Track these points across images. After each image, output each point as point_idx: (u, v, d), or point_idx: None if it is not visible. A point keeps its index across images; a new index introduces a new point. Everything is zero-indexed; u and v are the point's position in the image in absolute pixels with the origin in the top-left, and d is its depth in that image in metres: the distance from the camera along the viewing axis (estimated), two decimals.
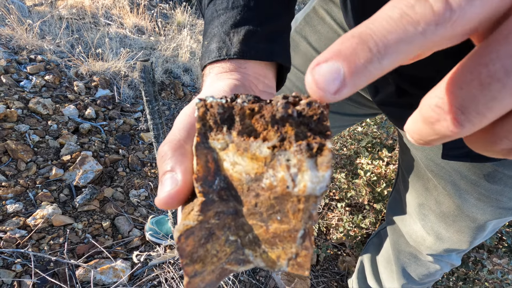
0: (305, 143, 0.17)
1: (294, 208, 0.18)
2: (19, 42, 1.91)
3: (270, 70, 0.34)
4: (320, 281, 1.29)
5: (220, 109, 0.18)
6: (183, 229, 0.19)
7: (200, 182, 0.19)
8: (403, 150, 0.71)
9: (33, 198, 1.24)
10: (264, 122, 0.18)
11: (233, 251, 0.21)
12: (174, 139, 0.23)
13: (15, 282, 0.99)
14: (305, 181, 0.17)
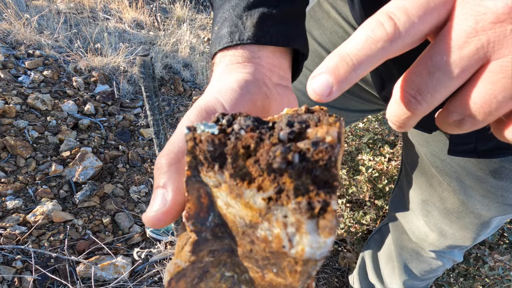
0: (305, 201, 0.14)
1: (290, 268, 0.16)
2: (17, 37, 1.89)
3: (285, 59, 0.31)
4: (321, 277, 1.29)
5: (210, 147, 0.16)
6: (174, 272, 0.18)
7: (192, 221, 0.18)
8: (408, 146, 0.71)
9: (32, 195, 1.23)
10: (259, 168, 0.15)
11: (230, 286, 0.20)
12: (172, 151, 0.21)
13: (16, 279, 0.99)
14: (304, 244, 0.14)
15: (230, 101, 0.25)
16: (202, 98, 0.25)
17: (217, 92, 0.26)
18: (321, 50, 0.62)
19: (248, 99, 0.26)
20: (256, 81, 0.27)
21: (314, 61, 0.63)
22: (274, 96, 0.28)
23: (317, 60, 0.63)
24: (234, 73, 0.28)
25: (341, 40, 0.60)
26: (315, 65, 0.64)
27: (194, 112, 0.24)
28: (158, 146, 0.98)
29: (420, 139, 0.63)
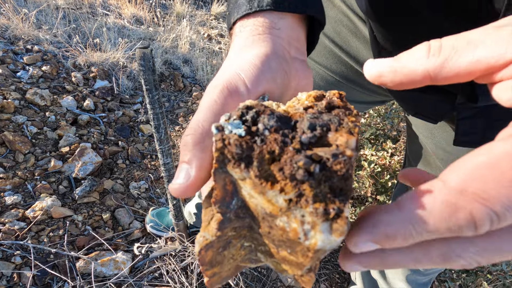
0: (322, 208, 0.16)
1: (303, 252, 0.19)
2: (15, 32, 1.87)
3: (301, 31, 0.31)
4: (322, 273, 1.28)
5: (238, 150, 0.18)
6: (203, 244, 0.21)
7: (218, 205, 0.20)
8: (412, 138, 0.69)
9: (31, 190, 1.22)
10: (283, 175, 0.17)
11: (247, 253, 0.24)
12: (197, 131, 0.22)
13: (15, 274, 0.98)
14: (317, 239, 0.17)
15: (251, 78, 0.25)
16: (224, 74, 0.25)
17: (239, 68, 0.26)
18: (325, 39, 0.61)
19: (270, 76, 0.26)
20: (277, 57, 0.27)
21: (318, 50, 0.62)
22: (292, 72, 0.28)
23: (321, 49, 0.62)
24: (256, 47, 0.27)
25: (345, 28, 0.58)
26: (318, 53, 0.62)
27: (217, 91, 0.24)
28: (158, 140, 0.97)
29: (425, 130, 0.62)
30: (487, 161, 0.14)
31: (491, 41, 0.16)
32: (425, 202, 0.15)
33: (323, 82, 0.64)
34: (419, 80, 0.19)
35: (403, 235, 0.16)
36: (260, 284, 1.19)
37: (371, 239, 0.17)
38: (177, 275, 1.10)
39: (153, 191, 1.42)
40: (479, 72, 0.17)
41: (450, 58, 0.18)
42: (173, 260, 1.14)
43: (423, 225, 0.15)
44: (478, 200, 0.14)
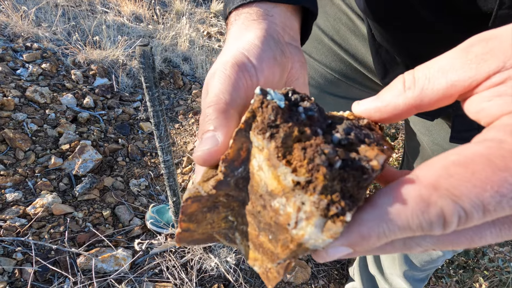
0: (326, 201, 0.15)
1: (284, 242, 0.18)
2: (15, 30, 1.87)
3: (295, 20, 0.32)
4: (321, 270, 1.30)
5: (272, 116, 0.17)
6: (194, 194, 0.20)
7: (225, 164, 0.20)
8: (410, 135, 0.70)
9: (32, 187, 1.22)
10: (302, 155, 0.17)
11: (226, 228, 0.23)
12: (219, 102, 0.23)
13: (16, 270, 0.99)
14: (305, 232, 0.16)
15: (255, 56, 0.26)
16: (229, 54, 0.26)
17: (241, 47, 0.26)
18: (324, 36, 0.61)
19: (271, 54, 0.27)
20: (273, 38, 0.28)
21: (317, 48, 0.62)
22: (287, 54, 0.29)
23: (320, 46, 0.62)
24: (252, 29, 0.28)
25: (344, 26, 0.59)
26: (317, 51, 0.63)
27: (228, 67, 0.25)
28: (158, 137, 0.97)
29: (422, 127, 0.62)
30: (461, 161, 0.14)
31: (460, 65, 0.17)
32: (398, 198, 0.15)
33: (322, 80, 0.65)
34: (405, 113, 0.19)
35: (377, 234, 0.15)
36: (260, 281, 1.20)
37: (344, 243, 0.16)
38: (177, 271, 1.11)
39: (153, 188, 1.43)
40: (457, 94, 0.18)
41: (425, 88, 0.18)
42: (173, 257, 1.14)
43: (396, 221, 0.15)
44: (450, 196, 0.14)
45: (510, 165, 0.13)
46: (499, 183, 0.13)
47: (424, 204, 0.14)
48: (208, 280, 1.15)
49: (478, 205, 0.14)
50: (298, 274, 1.23)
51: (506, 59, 0.16)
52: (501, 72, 0.16)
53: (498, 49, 0.16)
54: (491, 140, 0.15)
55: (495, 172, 0.14)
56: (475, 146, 0.15)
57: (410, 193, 0.15)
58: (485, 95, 0.17)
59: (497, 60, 0.16)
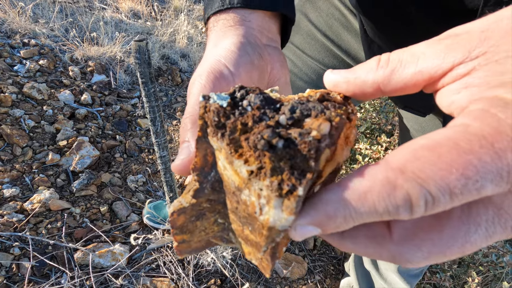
0: (276, 182, 0.16)
1: (259, 230, 0.19)
2: (12, 26, 1.86)
3: (273, 23, 0.33)
4: (317, 265, 1.30)
5: (216, 117, 0.18)
6: (177, 207, 0.22)
7: (196, 172, 0.21)
8: (403, 131, 0.71)
9: (29, 183, 1.23)
10: (247, 145, 0.17)
11: (220, 230, 0.24)
12: (193, 113, 0.24)
13: (14, 265, 1.00)
14: (270, 215, 0.17)
15: (232, 62, 0.27)
16: (206, 62, 0.27)
17: (218, 55, 0.28)
18: (317, 32, 0.61)
19: (248, 59, 0.28)
20: (250, 43, 0.29)
21: (310, 44, 0.63)
22: (265, 56, 0.30)
23: (313, 42, 0.62)
24: (229, 36, 0.29)
25: (337, 22, 0.59)
26: (311, 47, 0.63)
27: (204, 77, 0.26)
28: (154, 133, 0.98)
29: (415, 123, 0.63)
30: (429, 144, 0.14)
31: (431, 53, 0.17)
32: (365, 179, 0.15)
33: (315, 76, 0.65)
34: (370, 92, 0.20)
35: (343, 214, 0.15)
36: (256, 276, 1.21)
37: (311, 222, 0.16)
38: (173, 267, 1.12)
39: (151, 184, 1.44)
40: (423, 82, 0.18)
41: (396, 70, 0.18)
42: (169, 252, 1.15)
43: (362, 203, 0.15)
44: (416, 179, 0.14)
45: (475, 148, 0.13)
46: (464, 166, 0.13)
47: (390, 186, 0.14)
48: (205, 275, 1.16)
49: (444, 188, 0.14)
50: (295, 269, 1.24)
51: (471, 49, 0.16)
52: (466, 62, 0.16)
53: (466, 41, 0.17)
54: (459, 125, 0.15)
55: (461, 155, 0.13)
56: (444, 130, 0.15)
57: (377, 176, 0.15)
58: (453, 87, 0.17)
59: (463, 50, 0.17)
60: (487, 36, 0.16)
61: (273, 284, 1.19)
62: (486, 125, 0.14)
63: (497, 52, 0.16)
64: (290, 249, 1.33)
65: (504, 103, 0.14)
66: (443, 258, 0.16)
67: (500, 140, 0.13)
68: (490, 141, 0.13)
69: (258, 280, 1.19)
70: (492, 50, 0.16)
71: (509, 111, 0.14)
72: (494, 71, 0.15)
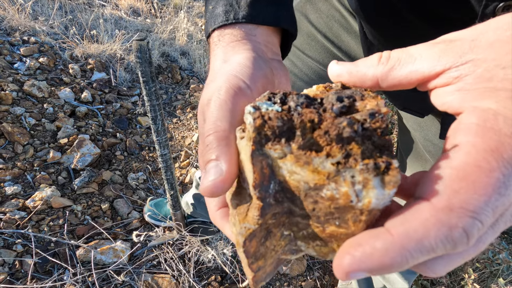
0: (372, 162, 0.17)
1: (355, 218, 0.19)
2: (11, 23, 1.86)
3: (276, 37, 0.33)
4: (316, 262, 1.32)
5: (279, 122, 0.18)
6: (247, 234, 0.20)
7: (258, 189, 0.20)
8: (403, 131, 0.72)
9: (31, 181, 1.24)
10: (328, 138, 0.17)
11: (287, 243, 0.23)
12: (219, 129, 0.23)
13: (17, 262, 1.01)
14: (370, 197, 0.17)
15: (249, 77, 0.26)
16: (221, 78, 0.26)
17: (234, 70, 0.27)
18: (317, 33, 0.62)
19: (262, 74, 0.28)
20: (260, 57, 0.29)
21: (310, 44, 0.63)
22: (273, 70, 0.30)
23: (313, 43, 0.63)
24: (240, 51, 0.29)
25: (337, 23, 0.60)
26: (311, 48, 0.64)
27: (222, 92, 0.25)
28: (155, 132, 0.98)
29: (414, 123, 0.64)
30: (457, 174, 0.16)
31: (426, 56, 0.19)
32: (418, 225, 0.15)
33: (315, 76, 0.66)
34: (369, 85, 0.21)
35: (399, 264, 0.15)
36: None
37: (365, 269, 0.16)
38: (174, 263, 1.13)
39: (151, 182, 1.45)
40: (417, 81, 0.20)
41: (394, 67, 0.20)
42: (170, 249, 1.17)
43: (420, 250, 0.15)
44: (467, 213, 0.15)
45: (494, 164, 0.15)
46: (494, 184, 0.15)
47: (446, 228, 0.15)
48: (206, 272, 1.17)
49: (489, 211, 0.15)
50: (294, 266, 1.26)
51: (462, 55, 0.18)
52: (457, 67, 0.18)
53: (458, 48, 0.19)
54: (465, 144, 0.16)
55: (488, 175, 0.15)
56: (458, 155, 0.16)
57: (429, 219, 0.15)
58: (447, 90, 0.19)
59: (455, 56, 0.18)
60: (476, 45, 0.18)
61: (273, 281, 1.21)
62: (488, 140, 0.15)
63: (485, 60, 0.17)
64: None
65: (493, 114, 0.16)
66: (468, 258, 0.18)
67: (505, 150, 0.15)
68: (500, 153, 0.15)
69: None
70: (480, 58, 0.18)
71: (500, 121, 0.16)
72: (482, 78, 0.17)
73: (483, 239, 0.17)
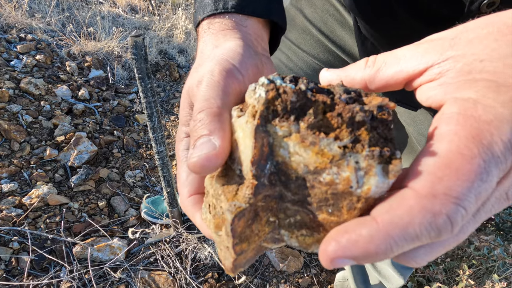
0: (378, 150, 0.17)
1: (350, 205, 0.19)
2: (8, 20, 1.85)
3: (265, 32, 0.33)
4: (313, 259, 1.32)
5: (295, 98, 0.18)
6: (236, 212, 0.20)
7: (255, 166, 0.19)
8: (398, 126, 0.72)
9: (28, 178, 1.24)
10: (340, 121, 0.18)
11: (270, 230, 0.23)
12: (211, 105, 0.22)
13: (13, 259, 1.01)
14: (371, 184, 0.17)
15: (240, 63, 0.26)
16: (212, 61, 0.26)
17: (226, 55, 0.26)
18: (312, 28, 0.62)
19: (253, 63, 0.28)
20: (251, 48, 0.29)
21: (305, 39, 0.63)
22: (262, 63, 0.30)
23: (308, 38, 0.63)
24: (231, 38, 0.29)
25: (332, 18, 0.59)
26: (306, 42, 0.64)
27: (216, 73, 0.24)
28: (151, 128, 0.98)
29: (408, 118, 0.64)
30: (442, 162, 0.16)
31: (410, 56, 0.20)
32: (402, 212, 0.15)
33: (310, 71, 0.66)
34: (359, 87, 0.22)
35: (384, 251, 0.15)
36: (253, 269, 1.22)
37: (351, 257, 0.16)
38: (171, 260, 1.14)
39: (149, 179, 1.45)
40: (403, 80, 0.21)
41: (381, 69, 0.21)
42: (167, 246, 1.17)
43: (405, 237, 0.15)
44: (450, 200, 0.15)
45: (475, 151, 0.15)
46: (476, 170, 0.15)
47: (430, 215, 0.15)
48: (202, 269, 1.18)
49: (472, 197, 0.15)
50: (291, 263, 1.26)
51: (443, 52, 0.19)
52: (439, 64, 0.19)
53: (439, 46, 0.20)
54: (448, 133, 0.17)
55: (470, 162, 0.15)
56: (441, 144, 0.17)
57: (413, 207, 0.15)
58: (430, 85, 0.20)
59: (436, 54, 0.20)
60: (455, 42, 0.19)
61: (270, 278, 1.21)
62: (469, 127, 0.16)
63: (464, 55, 0.18)
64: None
65: (473, 102, 0.16)
66: (453, 245, 0.18)
67: (484, 136, 0.16)
68: (480, 140, 0.16)
69: (254, 274, 1.21)
70: (459, 54, 0.18)
71: (479, 109, 0.16)
72: (462, 71, 0.18)
73: (464, 229, 0.17)
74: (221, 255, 0.23)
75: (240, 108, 0.22)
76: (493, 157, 0.15)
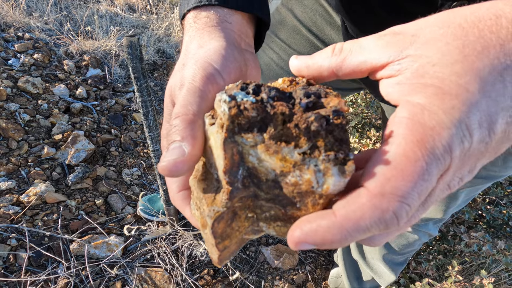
0: (333, 154, 0.19)
1: (314, 201, 0.21)
2: (6, 19, 1.85)
3: (250, 27, 0.34)
4: (308, 256, 1.34)
5: (255, 113, 0.20)
6: (215, 216, 0.22)
7: (228, 174, 0.21)
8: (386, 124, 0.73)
9: (25, 176, 1.25)
10: (298, 131, 0.19)
11: (250, 224, 0.25)
12: (188, 113, 0.23)
13: (11, 256, 1.02)
14: (329, 184, 0.19)
15: (223, 67, 0.27)
16: (196, 65, 0.27)
17: (209, 57, 0.27)
18: (302, 27, 0.63)
19: (237, 66, 0.29)
20: (236, 48, 0.30)
21: (295, 38, 0.64)
22: (247, 62, 0.31)
23: (298, 37, 0.64)
24: (216, 38, 0.29)
25: (321, 18, 0.61)
26: (296, 42, 0.65)
27: (197, 79, 0.25)
28: (147, 127, 0.99)
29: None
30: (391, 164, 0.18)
31: (374, 47, 0.21)
32: (356, 208, 0.18)
33: None
34: (326, 75, 0.23)
35: (339, 240, 0.18)
36: (248, 266, 1.24)
37: (311, 242, 0.19)
38: (168, 257, 1.15)
39: (146, 178, 1.46)
40: (367, 70, 0.22)
41: (346, 58, 0.22)
42: (164, 243, 1.18)
43: (357, 229, 0.18)
44: (395, 198, 0.17)
45: (418, 155, 0.17)
46: (419, 171, 0.17)
47: (379, 211, 0.17)
48: (198, 265, 1.19)
49: (415, 195, 0.17)
50: (286, 260, 1.27)
51: (403, 49, 0.20)
52: (399, 61, 0.20)
53: (400, 41, 0.20)
54: (397, 136, 0.18)
55: (413, 164, 0.17)
56: (391, 146, 0.18)
57: (365, 204, 0.18)
58: (390, 82, 0.21)
59: (397, 50, 0.20)
60: (415, 40, 0.20)
61: (265, 274, 1.23)
62: (415, 132, 0.18)
63: (421, 56, 0.19)
64: (282, 240, 1.36)
65: (421, 108, 0.18)
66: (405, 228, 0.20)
67: (427, 141, 0.17)
68: (423, 144, 0.17)
69: (250, 270, 1.23)
70: (417, 54, 0.19)
71: (426, 115, 0.18)
72: (417, 73, 0.19)
73: (414, 215, 0.19)
74: (208, 249, 0.26)
75: (212, 115, 0.23)
76: (434, 159, 0.17)
